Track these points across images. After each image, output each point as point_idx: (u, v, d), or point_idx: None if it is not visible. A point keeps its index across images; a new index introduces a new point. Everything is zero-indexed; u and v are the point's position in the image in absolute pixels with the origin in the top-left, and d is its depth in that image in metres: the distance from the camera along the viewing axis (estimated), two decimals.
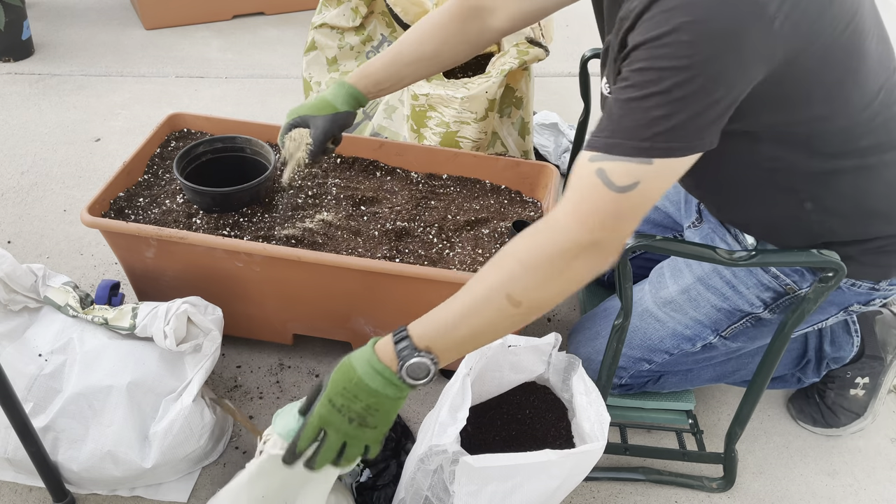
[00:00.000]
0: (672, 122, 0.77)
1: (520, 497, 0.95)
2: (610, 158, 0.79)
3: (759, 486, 1.35)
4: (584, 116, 1.60)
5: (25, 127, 2.18)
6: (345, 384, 0.85)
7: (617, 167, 0.79)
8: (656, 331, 1.24)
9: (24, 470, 1.17)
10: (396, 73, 1.23)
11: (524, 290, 0.82)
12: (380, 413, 0.86)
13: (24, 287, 1.17)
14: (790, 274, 1.08)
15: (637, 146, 0.78)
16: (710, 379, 1.35)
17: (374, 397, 0.85)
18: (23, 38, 2.51)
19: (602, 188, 0.79)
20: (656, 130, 0.77)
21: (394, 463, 1.26)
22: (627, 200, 0.80)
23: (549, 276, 0.82)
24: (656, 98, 0.76)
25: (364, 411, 0.85)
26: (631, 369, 1.29)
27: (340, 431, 0.86)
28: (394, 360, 0.85)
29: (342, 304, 1.33)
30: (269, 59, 2.70)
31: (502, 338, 0.98)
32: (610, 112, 0.81)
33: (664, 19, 0.75)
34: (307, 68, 1.90)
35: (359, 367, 0.85)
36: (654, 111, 0.77)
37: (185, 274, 1.33)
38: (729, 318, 1.17)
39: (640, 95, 0.77)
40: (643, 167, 0.78)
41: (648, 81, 0.77)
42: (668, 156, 0.79)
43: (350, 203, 1.45)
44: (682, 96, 0.76)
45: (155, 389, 1.14)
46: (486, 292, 0.83)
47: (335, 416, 0.85)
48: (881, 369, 1.40)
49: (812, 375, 1.39)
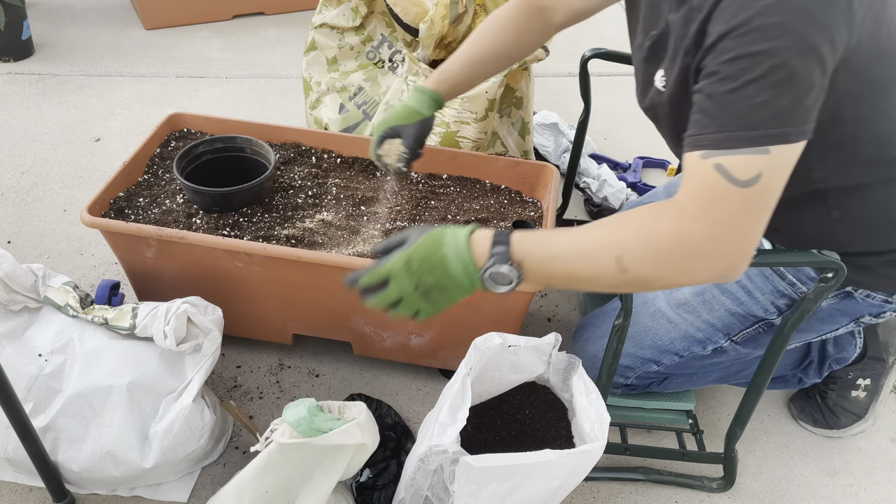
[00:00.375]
0: (777, 106, 0.74)
1: (520, 497, 0.95)
2: (725, 153, 0.76)
3: (759, 486, 1.35)
4: (584, 116, 1.60)
5: (25, 127, 2.18)
6: (427, 254, 0.87)
7: (735, 161, 0.76)
8: (668, 332, 1.23)
9: (24, 470, 1.17)
10: (472, 73, 1.26)
11: (635, 261, 0.80)
12: (445, 295, 0.88)
13: (24, 287, 1.17)
14: (806, 282, 1.08)
15: (749, 136, 0.75)
16: (715, 380, 1.35)
17: (448, 280, 0.87)
18: (23, 38, 2.51)
19: (725, 184, 0.76)
20: (764, 117, 0.75)
21: (394, 463, 1.26)
22: (753, 194, 0.76)
23: (667, 259, 0.79)
24: (755, 85, 0.74)
25: (432, 286, 0.87)
26: (638, 370, 1.28)
27: (403, 290, 0.88)
28: (484, 257, 0.85)
29: (342, 304, 1.33)
30: (269, 59, 2.70)
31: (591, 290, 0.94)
32: (707, 108, 0.79)
33: (747, 3, 0.73)
34: (307, 68, 1.90)
35: (448, 247, 0.86)
36: (755, 98, 0.74)
37: (185, 274, 1.33)
38: (742, 322, 1.17)
39: (737, 85, 0.75)
40: (761, 157, 0.75)
41: (743, 70, 0.74)
42: (784, 142, 0.76)
43: (350, 203, 1.45)
44: (781, 79, 0.74)
45: (155, 389, 1.14)
46: (598, 246, 0.82)
47: (404, 277, 0.87)
48: (882, 371, 1.39)
49: (814, 376, 1.39)
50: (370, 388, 1.46)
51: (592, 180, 2.03)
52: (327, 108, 1.89)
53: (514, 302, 1.25)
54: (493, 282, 0.85)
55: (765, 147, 0.75)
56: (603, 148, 2.31)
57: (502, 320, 1.28)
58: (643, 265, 0.80)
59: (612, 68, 2.50)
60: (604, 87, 2.63)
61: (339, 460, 1.03)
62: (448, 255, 0.86)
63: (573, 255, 0.83)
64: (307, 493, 1.04)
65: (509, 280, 0.85)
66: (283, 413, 1.00)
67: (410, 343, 1.39)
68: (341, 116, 1.88)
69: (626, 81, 2.70)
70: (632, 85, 1.09)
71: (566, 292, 1.75)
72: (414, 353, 1.42)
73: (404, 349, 1.41)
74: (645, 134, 2.40)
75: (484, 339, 1.05)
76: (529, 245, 0.85)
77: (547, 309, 1.70)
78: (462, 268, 0.86)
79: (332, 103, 1.89)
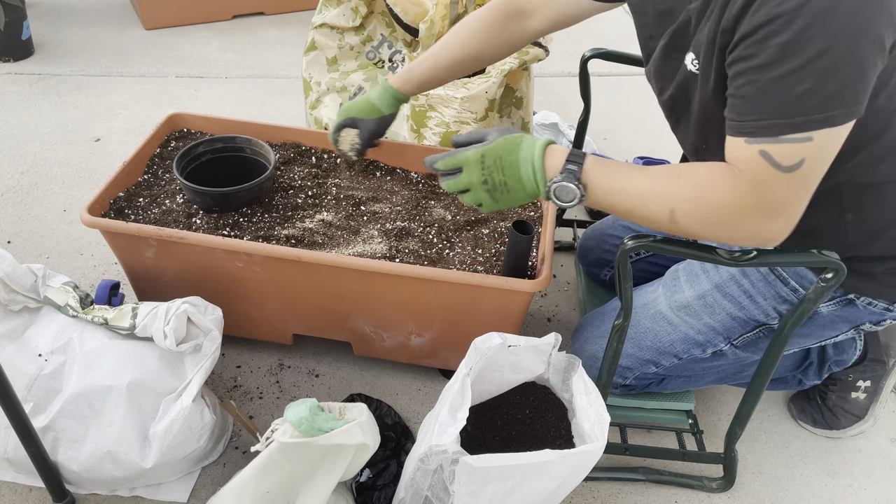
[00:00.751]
0: (823, 92, 0.76)
1: (520, 497, 0.95)
2: (768, 140, 0.79)
3: (759, 486, 1.35)
4: (583, 116, 1.60)
5: (25, 127, 2.18)
6: (503, 154, 0.95)
7: (779, 148, 0.79)
8: (668, 334, 1.23)
9: (24, 470, 1.17)
10: (439, 75, 1.30)
11: (686, 218, 0.87)
12: (509, 195, 0.96)
13: (24, 287, 1.17)
14: (809, 286, 1.09)
15: (791, 123, 0.78)
16: (713, 382, 1.34)
17: (516, 183, 0.94)
18: (23, 38, 2.51)
19: (770, 170, 0.80)
20: (808, 103, 0.76)
21: (394, 463, 1.26)
22: (798, 177, 0.81)
23: (714, 224, 0.86)
24: (802, 71, 0.75)
25: (499, 183, 0.95)
26: (637, 370, 1.28)
27: (471, 180, 0.96)
28: (554, 170, 0.93)
29: (342, 304, 1.33)
30: (269, 59, 2.70)
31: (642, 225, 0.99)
32: (749, 95, 0.80)
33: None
34: (307, 68, 1.90)
35: (523, 152, 0.94)
36: (799, 86, 0.76)
37: (185, 274, 1.33)
38: (743, 326, 1.17)
39: (783, 72, 0.76)
40: (804, 144, 0.78)
41: (788, 56, 0.75)
42: (828, 125, 0.77)
43: (350, 203, 1.45)
44: (827, 65, 0.74)
45: (155, 389, 1.14)
46: (657, 195, 0.89)
47: (476, 168, 0.96)
48: (883, 373, 1.39)
49: (813, 378, 1.39)
50: (370, 388, 1.46)
51: None
52: (327, 108, 1.89)
53: (514, 302, 1.25)
54: (557, 195, 0.93)
55: (807, 134, 0.78)
56: (603, 148, 2.31)
57: (502, 320, 1.28)
58: (693, 223, 0.87)
59: (612, 68, 2.51)
60: (604, 87, 2.63)
61: (340, 460, 1.03)
62: (522, 158, 0.94)
63: (633, 196, 0.91)
64: (307, 493, 1.04)
65: (572, 197, 0.92)
66: (284, 412, 1.00)
67: (410, 343, 1.39)
68: None
69: (626, 81, 2.70)
70: (632, 85, 1.09)
71: (566, 292, 1.75)
72: (414, 353, 1.42)
73: (404, 349, 1.41)
74: (645, 134, 2.41)
75: (484, 339, 1.05)
76: (599, 173, 0.92)
77: (547, 309, 1.70)
78: (531, 175, 0.94)
79: (332, 103, 1.89)
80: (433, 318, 1.31)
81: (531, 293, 1.22)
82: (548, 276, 1.20)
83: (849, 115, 0.78)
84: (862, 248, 1.03)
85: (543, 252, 1.28)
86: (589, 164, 0.93)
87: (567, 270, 1.81)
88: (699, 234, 0.89)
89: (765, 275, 1.12)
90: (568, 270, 1.81)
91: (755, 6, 0.77)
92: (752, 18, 0.77)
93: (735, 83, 0.82)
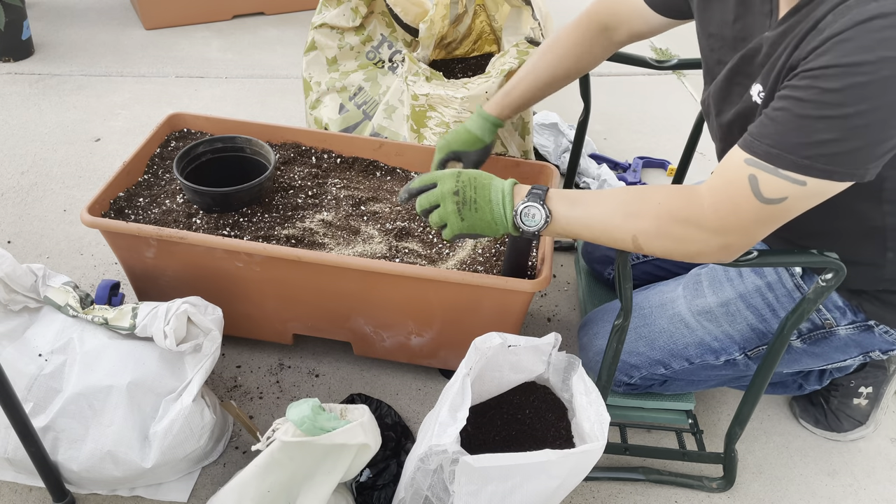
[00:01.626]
0: (842, 147, 0.77)
1: (520, 497, 0.95)
2: (766, 168, 0.81)
3: (759, 486, 1.35)
4: (583, 116, 1.60)
5: (25, 127, 2.18)
6: (476, 176, 1.02)
7: (770, 179, 0.81)
8: (683, 337, 1.23)
9: (24, 470, 1.17)
10: (536, 95, 1.32)
11: (648, 242, 0.92)
12: (476, 214, 1.00)
13: (24, 287, 1.17)
14: (832, 310, 1.10)
15: (796, 162, 0.79)
16: (714, 385, 1.34)
17: (485, 203, 1.00)
18: (23, 38, 2.51)
19: (749, 195, 0.82)
20: (821, 152, 0.78)
21: (394, 463, 1.26)
22: (770, 212, 0.83)
23: (675, 242, 0.90)
24: (833, 121, 0.76)
25: (469, 199, 1.00)
26: (645, 370, 1.27)
27: (443, 191, 1.01)
28: (521, 196, 0.99)
29: (342, 304, 1.33)
30: (269, 59, 2.70)
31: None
32: (777, 121, 0.81)
33: (868, 47, 0.74)
34: (307, 68, 1.90)
35: (494, 181, 1.01)
36: (825, 133, 0.77)
37: (185, 274, 1.33)
38: (760, 338, 1.17)
39: (816, 115, 0.77)
40: (796, 186, 0.80)
41: (830, 104, 0.76)
42: (826, 178, 0.79)
43: (350, 203, 1.45)
44: (860, 125, 0.76)
45: (155, 389, 1.14)
46: (618, 226, 0.93)
47: (450, 180, 1.01)
48: (884, 379, 1.40)
49: (814, 383, 1.39)
50: (370, 388, 1.46)
51: (592, 180, 2.03)
52: (327, 108, 1.89)
53: (514, 302, 1.25)
54: (523, 219, 0.98)
55: (805, 178, 0.79)
56: (603, 148, 2.31)
57: (502, 320, 1.28)
58: (655, 247, 0.92)
59: (613, 68, 2.51)
60: (604, 87, 2.63)
61: (342, 461, 1.03)
62: (493, 185, 1.01)
63: (597, 226, 0.96)
64: (308, 493, 1.04)
65: (538, 220, 0.97)
66: (286, 412, 1.00)
67: (410, 343, 1.39)
68: (341, 116, 1.88)
69: (626, 81, 2.70)
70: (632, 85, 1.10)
71: (566, 292, 1.75)
72: (414, 353, 1.42)
73: (404, 349, 1.41)
74: (645, 134, 2.41)
75: (484, 339, 1.05)
76: (561, 202, 0.97)
77: (547, 309, 1.70)
78: (501, 198, 0.99)
79: (332, 103, 1.89)
80: (433, 318, 1.31)
81: (531, 293, 1.22)
82: (548, 276, 1.20)
83: (851, 177, 0.80)
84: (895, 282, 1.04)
85: (543, 252, 1.28)
86: (552, 192, 0.98)
87: (567, 270, 1.81)
88: (661, 254, 0.93)
89: (790, 291, 1.12)
90: (568, 270, 1.81)
91: (823, 48, 0.78)
92: (817, 59, 0.78)
93: (773, 105, 0.84)
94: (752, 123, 0.85)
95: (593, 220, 0.96)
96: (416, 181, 1.05)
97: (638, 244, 0.92)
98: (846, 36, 0.75)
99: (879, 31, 0.73)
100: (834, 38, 0.76)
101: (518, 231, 1.00)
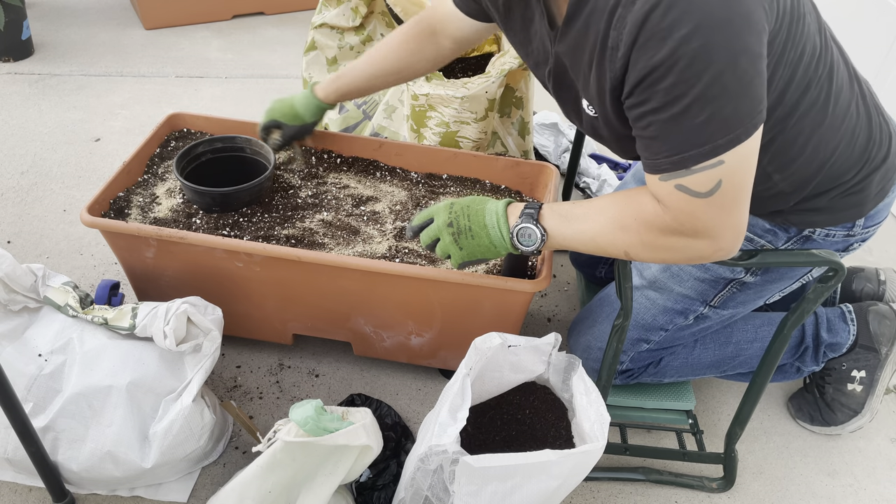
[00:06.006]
0: (721, 116, 0.78)
1: (520, 497, 0.95)
2: (682, 174, 0.82)
3: (759, 486, 1.35)
4: None
5: (25, 127, 2.18)
6: (469, 204, 1.05)
7: (693, 179, 0.82)
8: (648, 309, 1.27)
9: (24, 470, 1.17)
10: (362, 87, 1.38)
11: (640, 255, 0.93)
12: (473, 241, 1.04)
13: (24, 287, 1.17)
14: (763, 235, 1.11)
15: (700, 153, 0.80)
16: (711, 364, 1.35)
17: (480, 228, 1.03)
18: (23, 38, 2.51)
19: (691, 199, 0.84)
20: (711, 130, 0.79)
21: (394, 463, 1.26)
22: (721, 198, 0.83)
23: (666, 252, 0.91)
24: (696, 105, 0.77)
25: (463, 228, 1.03)
26: (630, 351, 1.31)
27: (438, 224, 1.05)
28: (515, 217, 1.01)
29: (342, 304, 1.33)
30: (269, 59, 2.70)
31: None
32: (655, 137, 0.83)
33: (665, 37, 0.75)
34: (307, 68, 1.90)
35: (488, 205, 1.04)
36: (697, 118, 0.78)
37: (184, 274, 1.33)
38: (714, 287, 1.20)
39: (679, 110, 0.78)
40: (717, 168, 0.81)
41: (679, 96, 0.78)
42: (735, 144, 0.80)
43: (350, 203, 1.45)
44: (717, 93, 0.77)
45: (155, 389, 1.14)
46: (609, 241, 0.95)
47: (444, 212, 1.05)
48: (877, 363, 1.40)
49: (811, 363, 1.40)
50: (370, 388, 1.46)
51: (592, 180, 2.03)
52: None
53: (514, 302, 1.25)
54: (519, 239, 1.01)
55: (718, 158, 0.80)
56: (603, 148, 2.31)
57: (502, 320, 1.28)
58: (647, 258, 0.94)
59: None
60: None
61: (343, 462, 1.03)
62: (487, 210, 1.03)
63: (589, 242, 0.98)
64: (309, 494, 1.04)
65: (535, 239, 1.00)
66: (289, 412, 1.00)
67: (410, 343, 1.39)
68: (341, 116, 1.88)
69: None
70: None
71: (566, 292, 1.75)
72: (414, 353, 1.42)
73: (404, 349, 1.41)
74: None
75: (484, 339, 1.05)
76: (554, 219, 0.99)
77: (547, 309, 1.70)
78: (496, 221, 1.02)
79: None
80: (433, 318, 1.31)
81: (531, 293, 1.22)
82: (548, 277, 1.20)
83: (751, 128, 0.80)
84: (799, 192, 1.05)
85: (543, 252, 1.28)
86: (545, 209, 1.00)
87: (567, 270, 1.81)
88: (657, 263, 0.96)
89: None
90: (568, 270, 1.81)
91: (632, 61, 0.80)
92: (634, 72, 0.80)
93: (638, 125, 0.85)
94: (639, 149, 0.87)
95: (586, 235, 0.97)
96: (416, 218, 1.10)
97: (631, 257, 0.95)
98: (641, 42, 0.77)
99: (662, 20, 0.75)
100: (634, 48, 0.79)
101: (517, 251, 1.03)
